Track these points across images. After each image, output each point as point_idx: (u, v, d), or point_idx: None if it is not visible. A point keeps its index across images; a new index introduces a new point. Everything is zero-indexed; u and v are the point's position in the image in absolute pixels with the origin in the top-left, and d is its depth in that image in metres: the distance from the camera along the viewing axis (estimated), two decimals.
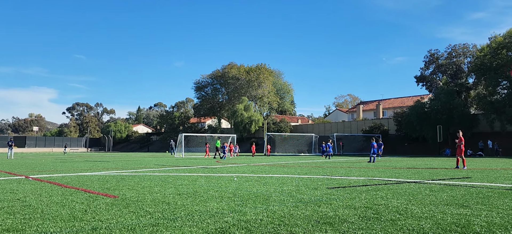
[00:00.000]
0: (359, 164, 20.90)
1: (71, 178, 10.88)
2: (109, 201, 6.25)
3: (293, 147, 50.77)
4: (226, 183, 9.17)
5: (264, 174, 12.32)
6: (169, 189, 7.98)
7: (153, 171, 14.19)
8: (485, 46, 44.48)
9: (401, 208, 5.46)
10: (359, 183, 9.32)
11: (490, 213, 5.10)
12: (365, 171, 13.91)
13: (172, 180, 10.13)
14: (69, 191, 7.64)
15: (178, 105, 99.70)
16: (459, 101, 45.41)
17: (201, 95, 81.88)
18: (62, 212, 5.24)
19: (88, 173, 13.01)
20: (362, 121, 62.10)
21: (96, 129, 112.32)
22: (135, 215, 5.02)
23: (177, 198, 6.62)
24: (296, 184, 9.02)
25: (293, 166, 18.29)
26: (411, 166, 17.86)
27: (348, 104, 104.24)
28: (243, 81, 73.62)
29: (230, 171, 13.93)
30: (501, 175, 11.83)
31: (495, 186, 8.51)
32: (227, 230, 4.13)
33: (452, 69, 53.84)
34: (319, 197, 6.70)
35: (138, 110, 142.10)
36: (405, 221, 4.58)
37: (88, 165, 18.56)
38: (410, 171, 14.23)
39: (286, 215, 4.95)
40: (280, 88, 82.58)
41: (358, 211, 5.22)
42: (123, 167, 16.64)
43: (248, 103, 69.03)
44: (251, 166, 17.76)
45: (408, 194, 7.03)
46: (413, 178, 10.70)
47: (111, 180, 9.99)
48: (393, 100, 75.12)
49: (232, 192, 7.38)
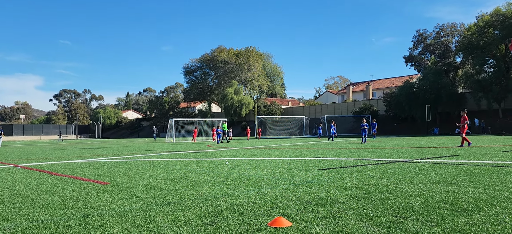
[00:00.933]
0: (349, 144, 21.11)
1: (61, 165, 10.79)
2: (100, 188, 6.22)
3: (284, 129, 50.99)
4: (218, 167, 9.19)
5: (255, 157, 12.37)
6: (161, 174, 7.97)
7: (144, 156, 14.15)
8: (473, 25, 44.81)
9: (391, 187, 5.54)
10: (350, 163, 9.42)
11: (477, 189, 5.20)
12: (356, 152, 14.06)
13: (164, 165, 10.11)
14: (59, 178, 7.58)
15: (167, 90, 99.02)
16: (447, 81, 45.92)
17: (191, 79, 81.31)
18: (53, 200, 5.20)
19: (78, 160, 12.91)
20: (352, 102, 62.48)
21: (84, 116, 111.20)
22: (127, 201, 5.01)
23: (169, 183, 6.62)
24: (288, 166, 9.08)
25: (285, 148, 18.40)
26: (400, 146, 18.10)
27: (338, 86, 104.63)
28: (233, 65, 73.21)
29: (222, 155, 13.96)
30: (488, 152, 12.06)
31: (482, 163, 8.68)
32: (220, 213, 4.15)
33: (440, 48, 54.19)
34: (310, 178, 6.76)
35: (127, 96, 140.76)
36: (395, 200, 4.65)
37: (78, 152, 18.41)
38: (399, 150, 14.42)
39: (278, 198, 4.99)
40: (270, 71, 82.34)
41: (349, 191, 5.28)
42: (113, 154, 16.55)
43: (238, 87, 68.82)
44: (243, 150, 17.81)
45: (397, 173, 7.13)
46: (402, 158, 10.85)
47: (102, 167, 9.93)
48: (382, 81, 75.59)
49: (224, 176, 7.41)
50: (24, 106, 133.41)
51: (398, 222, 3.59)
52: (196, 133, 36.22)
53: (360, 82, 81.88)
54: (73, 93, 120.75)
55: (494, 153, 11.73)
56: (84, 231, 3.57)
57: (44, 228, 3.70)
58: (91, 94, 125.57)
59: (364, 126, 24.13)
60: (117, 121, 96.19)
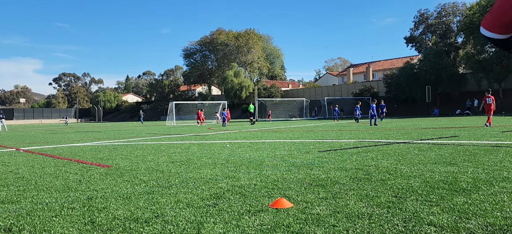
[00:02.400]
0: (349, 126, 21.16)
1: (63, 149, 10.85)
2: (103, 171, 6.28)
3: (285, 112, 51.02)
4: (219, 150, 9.25)
5: (256, 140, 12.43)
6: (162, 157, 8.03)
7: (146, 140, 14.21)
8: (475, 4, 44.36)
9: (391, 168, 5.59)
10: (350, 145, 9.47)
11: (476, 169, 5.25)
12: (356, 134, 14.11)
13: (165, 148, 10.17)
14: (62, 162, 7.64)
15: (167, 73, 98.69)
16: (448, 61, 45.72)
17: (190, 62, 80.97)
18: (56, 183, 5.26)
19: (80, 143, 12.97)
20: (352, 84, 62.35)
21: (85, 99, 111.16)
22: (130, 183, 5.07)
23: (170, 166, 6.68)
24: (288, 148, 9.13)
25: (285, 131, 18.46)
26: (400, 127, 18.15)
27: (338, 67, 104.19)
28: (232, 47, 72.79)
29: (222, 138, 14.02)
30: (487, 133, 12.11)
31: (481, 144, 8.73)
32: (222, 195, 4.20)
33: (442, 29, 53.78)
34: (311, 160, 6.82)
35: (127, 80, 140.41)
36: (394, 180, 4.70)
37: (79, 136, 18.48)
38: (399, 132, 14.47)
39: (279, 179, 5.04)
40: (270, 53, 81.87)
41: (349, 173, 5.33)
42: (114, 137, 16.62)
43: (238, 70, 68.58)
44: (243, 132, 17.87)
45: (397, 155, 7.18)
46: (402, 139, 10.90)
47: (104, 150, 9.99)
48: (383, 62, 75.23)
49: (225, 159, 7.46)
50: (23, 90, 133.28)
51: (397, 202, 3.64)
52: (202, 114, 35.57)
53: (361, 63, 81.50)
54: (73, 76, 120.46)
55: (494, 133, 11.77)
56: (88, 213, 3.63)
57: (49, 210, 3.75)
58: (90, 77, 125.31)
59: (373, 107, 23.09)
60: (117, 104, 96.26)
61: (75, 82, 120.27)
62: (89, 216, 3.51)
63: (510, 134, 11.62)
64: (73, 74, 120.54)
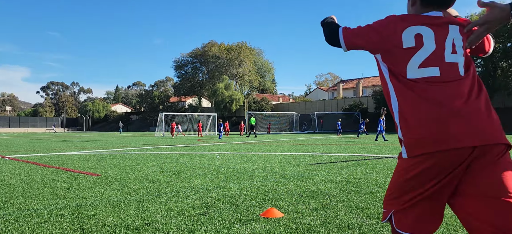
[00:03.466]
0: (339, 141, 21.30)
1: (50, 157, 10.70)
2: (92, 179, 6.22)
3: (275, 125, 51.09)
4: (209, 161, 9.23)
5: (246, 152, 12.43)
6: (152, 167, 7.98)
7: (134, 150, 14.10)
8: None
9: (380, 181, 5.65)
10: (340, 159, 9.54)
11: None
12: (345, 148, 14.22)
13: (154, 158, 10.11)
14: (49, 170, 7.54)
15: (157, 84, 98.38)
16: None
17: (181, 74, 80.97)
18: (44, 190, 5.19)
19: (67, 152, 12.81)
20: (342, 99, 62.90)
21: (72, 109, 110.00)
22: (120, 192, 5.03)
23: (160, 175, 6.64)
24: (279, 161, 9.16)
25: (275, 144, 18.50)
26: (389, 143, 18.34)
27: (329, 83, 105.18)
28: (224, 60, 73.06)
29: (212, 149, 13.99)
30: None
31: None
32: (212, 204, 4.20)
33: None
34: (301, 172, 6.85)
35: (117, 90, 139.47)
36: (383, 193, 4.75)
37: (67, 145, 18.24)
38: (388, 147, 14.62)
39: (269, 190, 5.06)
40: (261, 67, 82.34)
41: (339, 185, 5.37)
42: (103, 146, 16.45)
43: (229, 82, 68.74)
44: (233, 144, 17.86)
45: (386, 168, 7.26)
46: (391, 154, 11.02)
47: (92, 159, 9.89)
48: (372, 79, 76.17)
49: (216, 169, 7.45)
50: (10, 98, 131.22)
51: None
52: (201, 126, 34.48)
53: (350, 79, 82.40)
54: (61, 85, 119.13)
55: None
56: (78, 219, 3.59)
57: (37, 217, 3.71)
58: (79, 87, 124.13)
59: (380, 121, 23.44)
60: (105, 114, 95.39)
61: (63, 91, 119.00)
62: (78, 223, 3.47)
63: None
64: (62, 83, 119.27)
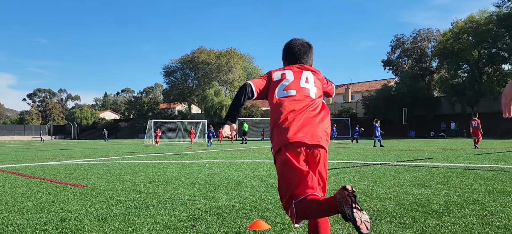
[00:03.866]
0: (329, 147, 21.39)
1: (35, 168, 10.54)
2: (78, 191, 6.14)
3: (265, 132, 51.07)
4: (198, 170, 9.18)
5: (235, 160, 12.40)
6: (140, 177, 7.91)
7: (123, 158, 13.96)
8: (448, 31, 46.24)
9: (367, 190, 5.69)
10: (328, 166, 9.57)
11: (448, 192, 5.41)
12: (334, 154, 14.29)
13: (142, 167, 10.02)
14: (34, 181, 7.42)
15: (146, 90, 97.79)
16: (423, 85, 47.18)
17: (171, 80, 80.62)
18: (28, 203, 5.10)
19: (54, 162, 12.63)
20: (332, 105, 63.27)
21: (60, 116, 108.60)
22: (105, 204, 4.97)
23: (148, 186, 6.59)
24: (268, 168, 9.16)
25: (265, 150, 18.51)
26: (377, 148, 18.49)
27: None
28: (213, 66, 72.99)
29: (201, 157, 13.93)
30: (460, 155, 12.48)
31: (454, 166, 8.99)
32: (199, 217, 4.18)
33: (417, 53, 55.57)
34: None
35: (105, 97, 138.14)
36: (370, 202, 4.79)
37: (53, 154, 17.99)
38: (376, 153, 14.73)
39: (257, 200, 5.05)
40: (251, 73, 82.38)
41: (327, 194, 5.39)
42: (90, 155, 16.26)
43: (219, 89, 68.65)
44: (223, 152, 17.81)
45: (374, 176, 7.31)
46: (379, 160, 11.11)
47: (79, 169, 9.76)
48: (361, 84, 76.84)
49: (204, 179, 7.42)
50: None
51: (373, 224, 3.71)
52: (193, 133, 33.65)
53: (340, 85, 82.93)
54: (48, 92, 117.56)
55: (466, 156, 12.15)
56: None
57: (20, 232, 3.64)
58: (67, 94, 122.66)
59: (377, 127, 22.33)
60: (94, 121, 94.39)
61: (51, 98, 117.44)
62: None
63: (481, 156, 12.01)
64: (49, 90, 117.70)
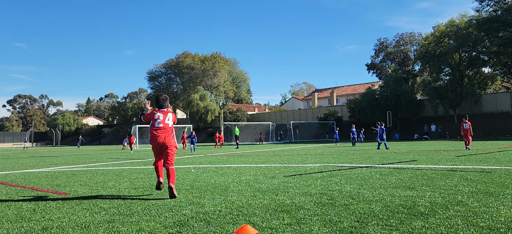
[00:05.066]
0: (314, 150, 21.49)
1: (16, 175, 10.27)
2: (60, 198, 5.99)
3: (251, 135, 51.10)
4: (183, 175, 9.09)
5: (221, 164, 12.33)
6: (124, 183, 7.78)
7: (107, 165, 13.73)
8: (429, 35, 47.11)
9: (353, 193, 5.71)
10: (315, 170, 9.60)
11: (433, 193, 5.47)
12: (321, 158, 14.35)
13: (127, 173, 9.87)
14: (14, 189, 7.22)
15: (130, 96, 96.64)
16: (406, 88, 47.89)
17: (155, 85, 79.90)
18: (8, 212, 4.95)
19: (35, 169, 12.33)
20: (317, 108, 63.69)
21: (41, 122, 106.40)
22: (89, 212, 4.86)
23: (132, 192, 6.48)
24: (254, 173, 9.12)
25: (251, 155, 18.46)
26: (363, 151, 18.65)
27: (304, 92, 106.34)
28: (198, 71, 72.69)
29: (187, 162, 13.80)
30: (444, 157, 12.69)
31: (438, 168, 9.12)
32: (185, 223, 4.12)
33: (400, 57, 56.52)
34: (276, 185, 6.84)
35: (88, 102, 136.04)
36: (357, 205, 4.80)
37: (35, 161, 17.57)
38: (362, 156, 14.85)
39: (244, 205, 5.01)
40: (236, 77, 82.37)
41: (314, 198, 5.39)
42: (73, 162, 15.94)
43: (204, 93, 68.36)
44: (208, 157, 17.70)
45: (360, 179, 7.36)
46: (365, 163, 11.20)
47: (61, 176, 9.55)
48: (346, 88, 77.61)
49: (190, 184, 7.34)
50: None
51: (359, 227, 3.71)
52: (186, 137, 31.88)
53: (325, 88, 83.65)
54: (29, 98, 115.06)
55: (450, 158, 12.35)
56: None
57: None
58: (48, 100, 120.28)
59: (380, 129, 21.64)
60: (76, 127, 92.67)
61: (32, 104, 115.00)
62: None
63: (464, 158, 12.23)
64: (30, 96, 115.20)
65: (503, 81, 49.45)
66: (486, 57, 43.82)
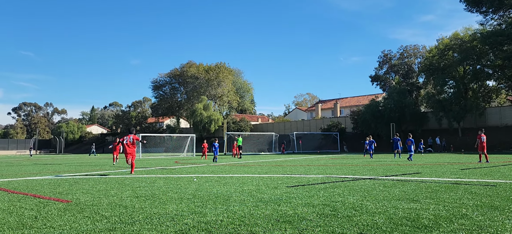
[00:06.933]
0: (317, 161, 21.39)
1: (19, 182, 10.27)
2: (62, 206, 5.98)
3: (254, 146, 51.00)
4: (186, 184, 9.06)
5: (224, 174, 12.29)
6: (126, 191, 7.76)
7: (109, 173, 13.72)
8: (433, 48, 47.11)
9: (356, 204, 5.66)
10: (318, 180, 9.55)
11: (437, 206, 5.41)
12: (324, 169, 14.27)
13: (129, 182, 9.85)
14: (17, 196, 7.22)
15: (135, 105, 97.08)
16: (410, 100, 47.77)
17: (159, 94, 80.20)
18: (10, 219, 4.94)
19: (38, 177, 12.34)
20: (321, 120, 63.59)
21: (46, 130, 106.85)
22: (90, 220, 4.84)
23: (134, 201, 6.45)
24: (256, 183, 9.08)
25: (254, 165, 18.40)
26: (366, 163, 18.54)
27: (307, 103, 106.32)
28: (202, 80, 72.94)
29: (190, 172, 13.77)
30: (448, 170, 12.58)
31: (442, 181, 9.04)
32: (187, 232, 4.09)
33: (404, 69, 56.45)
34: (279, 196, 6.79)
35: (92, 110, 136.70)
36: (360, 217, 4.75)
37: (38, 168, 17.60)
38: (365, 167, 14.76)
39: (246, 215, 4.98)
40: (240, 87, 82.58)
41: (317, 209, 5.35)
42: (76, 170, 15.95)
43: (208, 103, 68.49)
44: (211, 166, 17.66)
45: (363, 191, 7.30)
46: (368, 175, 11.12)
47: (64, 184, 9.54)
48: (350, 99, 77.53)
49: (192, 193, 7.31)
50: None
51: None
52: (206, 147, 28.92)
53: (329, 100, 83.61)
54: (34, 106, 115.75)
55: (454, 171, 12.25)
56: None
57: None
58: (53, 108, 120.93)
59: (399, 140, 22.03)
60: (80, 135, 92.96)
61: (36, 112, 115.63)
62: None
63: (468, 171, 12.13)
64: (35, 104, 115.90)
65: (507, 95, 49.22)
66: (491, 71, 43.67)
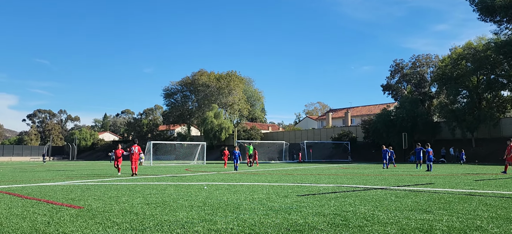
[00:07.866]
0: (328, 170, 21.24)
1: (32, 188, 10.42)
2: (74, 212, 6.03)
3: (264, 154, 50.91)
4: (196, 192, 9.07)
5: (234, 182, 12.28)
6: (137, 198, 7.81)
7: (121, 180, 13.82)
8: (446, 57, 46.61)
9: (368, 214, 5.59)
10: (329, 190, 9.47)
11: (451, 217, 5.31)
12: (334, 178, 14.16)
13: (140, 189, 9.91)
14: (30, 202, 7.31)
15: (146, 112, 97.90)
16: (422, 110, 47.23)
17: (171, 102, 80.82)
18: (23, 224, 5.01)
19: (51, 183, 12.50)
20: (332, 128, 63.25)
21: (59, 137, 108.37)
22: (102, 226, 4.88)
23: (145, 207, 6.48)
24: (267, 192, 9.05)
25: (264, 173, 18.35)
26: (378, 173, 18.34)
27: (318, 112, 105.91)
28: (213, 89, 73.32)
29: (200, 180, 13.80)
30: (462, 181, 12.37)
31: (456, 192, 8.88)
32: None
33: (416, 78, 55.92)
34: (289, 204, 6.76)
35: (105, 118, 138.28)
36: (372, 227, 4.69)
37: (51, 175, 17.83)
38: (377, 177, 14.60)
39: (256, 224, 4.96)
40: (251, 96, 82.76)
41: (327, 218, 5.30)
42: (88, 176, 16.11)
43: (218, 111, 68.76)
44: (221, 174, 17.67)
45: (375, 200, 7.21)
46: (379, 185, 10.99)
47: (76, 190, 9.65)
48: (361, 108, 77.01)
49: (202, 201, 7.31)
50: None
51: None
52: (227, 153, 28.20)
53: (339, 108, 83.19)
54: (48, 113, 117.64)
55: (468, 182, 12.03)
56: None
57: None
58: (67, 115, 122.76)
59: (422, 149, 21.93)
60: (93, 142, 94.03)
61: (50, 119, 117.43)
62: None
63: (483, 182, 11.90)
64: (49, 111, 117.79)
65: None
66: (505, 80, 42.95)
